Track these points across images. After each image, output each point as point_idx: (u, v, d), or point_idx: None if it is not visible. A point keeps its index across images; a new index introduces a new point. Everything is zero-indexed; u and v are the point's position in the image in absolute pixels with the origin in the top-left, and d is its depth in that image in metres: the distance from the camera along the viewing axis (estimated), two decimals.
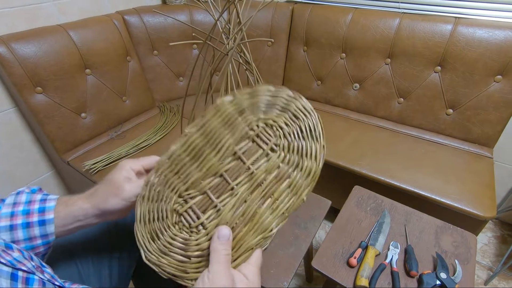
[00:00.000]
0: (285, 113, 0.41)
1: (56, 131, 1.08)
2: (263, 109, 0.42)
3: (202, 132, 0.42)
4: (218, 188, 0.40)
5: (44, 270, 0.39)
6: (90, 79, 1.16)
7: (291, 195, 0.36)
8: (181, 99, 1.51)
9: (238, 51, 0.54)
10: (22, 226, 0.41)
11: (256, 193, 0.38)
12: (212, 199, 0.39)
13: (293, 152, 0.38)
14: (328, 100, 1.43)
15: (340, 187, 1.14)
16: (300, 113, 0.40)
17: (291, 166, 0.38)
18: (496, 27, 1.01)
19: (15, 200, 0.42)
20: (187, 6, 1.43)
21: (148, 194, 0.42)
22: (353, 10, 1.26)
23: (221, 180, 0.40)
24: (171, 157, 0.43)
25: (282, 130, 0.40)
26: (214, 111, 0.43)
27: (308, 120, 0.39)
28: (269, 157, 0.40)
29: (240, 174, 0.40)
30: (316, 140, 0.38)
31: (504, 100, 1.04)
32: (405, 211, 0.82)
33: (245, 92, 0.43)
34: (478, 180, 0.98)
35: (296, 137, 0.39)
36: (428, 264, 0.69)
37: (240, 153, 0.41)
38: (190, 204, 0.40)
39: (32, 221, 0.41)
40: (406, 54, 1.17)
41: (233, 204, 0.38)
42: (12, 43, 0.94)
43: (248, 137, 0.41)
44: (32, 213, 0.41)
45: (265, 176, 0.38)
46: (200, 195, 0.40)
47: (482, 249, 1.22)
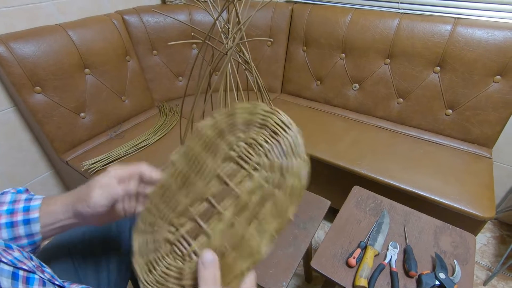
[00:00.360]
0: (263, 130, 0.40)
1: (55, 130, 1.08)
2: (241, 128, 0.42)
3: (186, 158, 0.43)
4: (206, 213, 0.40)
5: (44, 269, 0.39)
6: (89, 79, 1.16)
7: (276, 215, 0.35)
8: (180, 99, 1.50)
9: (238, 50, 0.54)
10: (7, 225, 0.40)
11: (242, 216, 0.37)
12: (201, 225, 0.39)
13: (275, 171, 0.37)
14: (328, 100, 1.43)
15: (339, 187, 1.14)
16: (279, 128, 0.39)
17: (274, 185, 0.36)
18: (495, 28, 1.01)
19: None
20: (187, 6, 1.43)
21: (142, 226, 0.43)
22: (353, 10, 1.26)
23: (208, 205, 0.40)
24: (161, 187, 0.44)
25: (262, 147, 0.39)
26: (195, 136, 0.43)
27: (287, 135, 0.38)
28: (252, 177, 0.39)
29: (225, 197, 0.39)
30: (298, 155, 0.37)
31: (503, 101, 1.04)
32: (404, 211, 0.82)
33: (223, 113, 0.43)
34: (477, 180, 0.98)
35: (277, 154, 0.38)
36: (427, 264, 0.69)
37: (223, 176, 0.40)
38: (181, 232, 0.40)
39: (17, 220, 0.40)
40: (406, 55, 1.17)
41: (221, 228, 0.37)
42: (11, 42, 0.94)
43: (230, 158, 0.41)
44: (17, 212, 0.41)
45: (249, 197, 0.38)
46: (190, 222, 0.40)
47: (481, 249, 1.23)
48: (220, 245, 0.37)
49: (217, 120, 0.43)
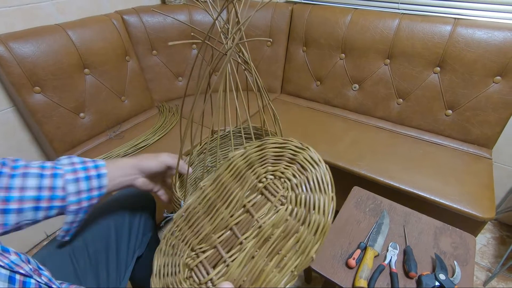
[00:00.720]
0: (293, 165, 0.41)
1: (55, 131, 1.08)
2: (271, 161, 0.42)
3: (215, 186, 0.44)
4: (228, 242, 0.40)
5: (41, 273, 0.39)
6: (88, 79, 1.15)
7: (299, 252, 0.34)
8: (180, 99, 1.50)
9: (237, 51, 0.53)
10: (84, 178, 0.49)
11: (264, 249, 0.36)
12: (222, 254, 0.39)
13: (300, 205, 0.37)
14: (327, 101, 1.43)
15: (339, 188, 1.13)
16: (308, 164, 0.40)
17: (299, 220, 0.36)
18: (495, 28, 1.01)
19: (71, 161, 0.50)
20: (186, 6, 1.43)
21: (164, 247, 0.44)
22: (353, 11, 1.26)
23: (231, 234, 0.40)
24: (187, 210, 0.45)
25: (290, 182, 0.40)
26: (226, 165, 0.45)
27: (316, 171, 0.39)
28: (277, 210, 0.39)
29: (249, 228, 0.39)
30: (324, 192, 0.36)
31: (503, 101, 1.04)
32: (404, 212, 0.82)
33: (255, 145, 0.44)
34: (477, 181, 0.98)
35: (304, 189, 0.38)
36: (427, 265, 0.69)
37: (249, 206, 0.41)
38: (201, 258, 0.40)
39: (91, 175, 0.50)
40: (406, 55, 1.17)
41: (241, 260, 0.37)
42: (10, 42, 0.94)
43: (257, 189, 0.42)
44: (90, 169, 0.50)
45: (272, 230, 0.37)
46: (211, 249, 0.40)
47: (481, 250, 1.22)
48: (238, 277, 0.36)
49: (248, 151, 0.44)
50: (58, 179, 0.47)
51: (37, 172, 0.46)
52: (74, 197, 0.48)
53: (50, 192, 0.46)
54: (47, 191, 0.46)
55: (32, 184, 0.45)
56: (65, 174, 0.48)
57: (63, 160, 0.50)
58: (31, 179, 0.45)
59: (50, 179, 0.46)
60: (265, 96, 0.57)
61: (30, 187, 0.45)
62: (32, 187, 0.45)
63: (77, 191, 0.48)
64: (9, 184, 0.44)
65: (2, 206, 0.42)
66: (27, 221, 0.45)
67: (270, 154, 0.43)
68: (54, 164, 0.49)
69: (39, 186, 0.45)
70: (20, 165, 0.47)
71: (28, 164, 0.47)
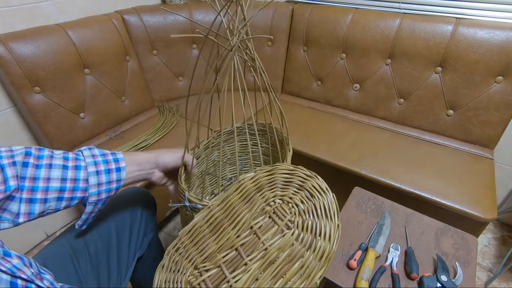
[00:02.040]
0: (301, 191, 0.41)
1: (55, 131, 1.07)
2: (280, 186, 0.43)
3: (223, 206, 0.45)
4: (233, 262, 0.40)
5: (43, 277, 0.39)
6: (89, 79, 1.15)
7: (303, 277, 0.34)
8: (180, 99, 1.50)
9: (244, 47, 0.53)
10: (105, 171, 0.50)
11: (268, 271, 0.36)
12: (226, 274, 0.39)
13: (307, 231, 0.38)
14: (328, 101, 1.42)
15: (339, 188, 1.13)
16: (316, 191, 0.41)
17: (305, 245, 0.36)
18: (497, 28, 1.01)
19: (92, 153, 0.51)
20: (187, 5, 1.42)
21: (167, 263, 0.44)
22: (353, 10, 1.26)
23: (236, 254, 0.40)
24: (193, 227, 0.45)
25: (297, 207, 0.40)
26: (236, 186, 0.46)
27: (323, 199, 0.39)
28: (284, 234, 0.39)
29: (254, 250, 0.39)
30: (331, 219, 0.37)
31: (505, 101, 1.04)
32: (405, 213, 0.82)
33: (265, 170, 0.46)
34: (478, 181, 0.97)
35: (311, 215, 0.39)
36: (428, 266, 0.68)
37: (256, 228, 0.41)
38: (204, 277, 0.40)
39: (112, 168, 0.51)
40: (407, 55, 1.16)
41: (245, 281, 0.37)
42: (10, 42, 0.94)
43: (265, 212, 0.42)
44: (110, 162, 0.52)
45: (278, 253, 0.37)
46: (215, 269, 0.40)
47: (482, 250, 1.22)
48: None
49: (258, 175, 0.45)
50: (81, 171, 0.49)
51: (61, 164, 0.48)
52: (95, 189, 0.49)
53: (73, 183, 0.48)
54: (70, 182, 0.48)
55: (57, 175, 0.47)
56: (88, 166, 0.49)
57: (85, 152, 0.51)
58: (55, 170, 0.47)
59: (73, 171, 0.48)
60: (271, 92, 0.57)
61: (54, 178, 0.46)
62: (56, 178, 0.46)
63: (98, 183, 0.50)
64: (34, 175, 0.45)
65: (28, 195, 0.44)
66: (49, 210, 0.47)
67: (279, 179, 0.44)
68: (76, 155, 0.51)
69: (63, 177, 0.47)
70: (44, 155, 0.48)
71: (52, 155, 0.48)
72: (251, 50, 0.53)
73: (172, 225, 1.35)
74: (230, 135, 0.80)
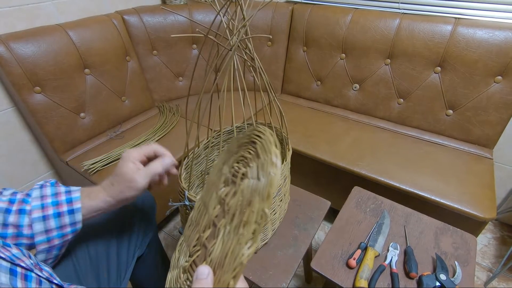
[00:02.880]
0: (249, 145, 0.43)
1: (55, 131, 1.08)
2: (235, 151, 0.45)
3: (206, 192, 0.47)
4: (211, 235, 0.41)
5: (42, 267, 0.39)
6: (89, 79, 1.15)
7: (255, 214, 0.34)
8: (180, 99, 1.50)
9: (244, 47, 0.54)
10: (54, 215, 0.45)
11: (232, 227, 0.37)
12: (207, 247, 0.40)
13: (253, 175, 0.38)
14: (328, 101, 1.42)
15: (339, 188, 1.14)
16: (256, 137, 0.42)
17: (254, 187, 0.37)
18: (496, 28, 1.01)
19: (41, 194, 0.46)
20: (187, 6, 1.43)
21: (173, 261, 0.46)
22: (353, 11, 1.26)
23: (213, 227, 0.42)
24: (190, 220, 0.47)
25: (246, 159, 0.42)
26: (213, 169, 0.48)
27: (261, 140, 0.40)
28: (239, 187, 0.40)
29: (224, 215, 0.40)
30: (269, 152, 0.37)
31: (504, 101, 1.04)
32: (404, 212, 0.82)
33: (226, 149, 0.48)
34: (478, 181, 0.97)
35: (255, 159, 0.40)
36: (427, 265, 0.68)
37: (223, 196, 0.42)
38: (193, 258, 0.42)
39: (63, 211, 0.45)
40: (406, 55, 1.17)
41: (217, 245, 0.38)
42: (11, 42, 0.94)
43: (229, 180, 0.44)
44: (61, 204, 0.46)
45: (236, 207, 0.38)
46: (202, 247, 0.42)
47: (482, 250, 1.22)
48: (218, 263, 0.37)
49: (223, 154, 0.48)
50: (24, 217, 0.44)
51: (4, 207, 0.44)
52: (43, 236, 0.44)
53: (16, 229, 0.43)
54: (12, 228, 0.43)
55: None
56: (32, 211, 0.44)
57: (35, 192, 0.47)
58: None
59: (16, 216, 0.44)
60: (271, 92, 0.58)
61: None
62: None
63: (45, 230, 0.44)
64: None
65: None
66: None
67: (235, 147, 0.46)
68: (24, 197, 0.46)
69: (4, 222, 0.43)
70: None
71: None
72: (250, 50, 0.53)
73: (172, 225, 1.36)
74: (230, 134, 0.80)
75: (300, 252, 0.71)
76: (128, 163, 0.49)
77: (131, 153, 0.50)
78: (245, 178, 0.40)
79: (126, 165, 0.49)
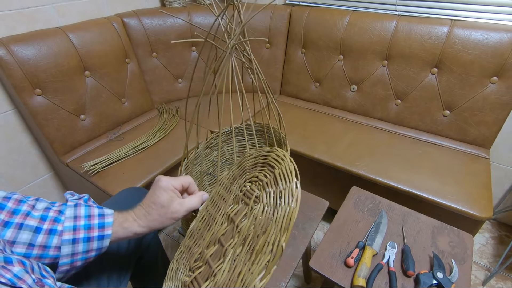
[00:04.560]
0: (265, 167, 0.42)
1: (55, 132, 1.08)
2: (248, 171, 0.45)
3: (211, 206, 0.46)
4: (217, 253, 0.40)
5: (44, 282, 0.37)
6: (89, 81, 1.16)
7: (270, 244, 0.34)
8: (179, 101, 1.51)
9: (241, 49, 0.55)
10: (84, 240, 0.43)
11: (243, 251, 0.36)
12: (212, 267, 0.39)
13: (268, 201, 0.38)
14: (326, 102, 1.43)
15: (337, 188, 1.14)
16: (275, 162, 0.41)
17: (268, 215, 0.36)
18: (491, 29, 1.02)
19: (75, 214, 0.44)
20: (186, 8, 1.44)
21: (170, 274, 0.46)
22: (350, 13, 1.28)
23: (219, 245, 0.41)
24: (191, 231, 0.47)
25: (262, 182, 0.41)
26: (217, 185, 0.48)
27: (281, 166, 0.39)
28: (253, 211, 0.39)
29: (233, 236, 0.40)
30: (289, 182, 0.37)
31: (500, 101, 1.05)
32: (402, 212, 0.83)
33: (236, 164, 0.47)
34: (475, 181, 0.98)
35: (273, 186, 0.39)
36: (425, 264, 0.69)
37: (232, 215, 0.42)
38: (195, 274, 0.41)
39: (93, 236, 0.44)
40: (403, 56, 1.18)
41: (225, 267, 0.37)
42: (12, 45, 0.95)
43: (239, 198, 0.43)
44: (93, 228, 0.44)
45: (248, 231, 0.38)
46: (204, 264, 0.41)
47: (480, 249, 1.23)
48: (224, 285, 0.36)
49: (232, 169, 0.47)
50: (54, 237, 0.42)
51: (34, 225, 0.42)
52: (68, 259, 0.43)
53: (41, 250, 0.42)
54: (38, 249, 0.41)
55: (24, 239, 0.41)
56: (64, 232, 0.42)
57: (68, 211, 0.45)
58: (24, 232, 0.41)
59: (45, 236, 0.42)
60: (268, 93, 0.58)
61: (21, 243, 0.40)
62: (23, 242, 0.40)
63: (72, 253, 0.43)
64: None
65: None
66: None
67: (248, 165, 0.45)
68: (56, 215, 0.44)
69: (31, 242, 0.41)
70: (21, 210, 0.42)
71: (29, 212, 0.42)
72: (248, 52, 0.54)
73: (172, 226, 1.36)
74: (229, 135, 0.81)
75: (299, 252, 0.72)
76: (169, 192, 0.47)
77: (170, 181, 0.48)
78: (259, 202, 0.39)
79: (167, 194, 0.47)
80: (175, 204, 0.46)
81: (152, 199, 0.47)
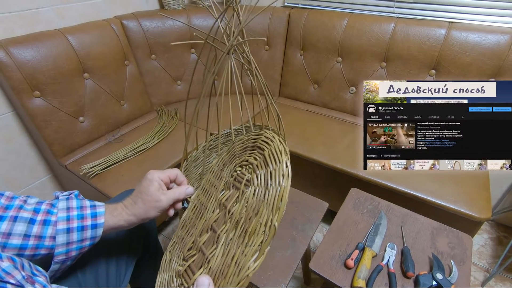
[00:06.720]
0: (254, 150, 0.42)
1: (54, 135, 1.08)
2: (238, 155, 0.44)
3: (201, 193, 0.46)
4: (210, 240, 0.40)
5: (35, 279, 0.38)
6: (88, 83, 1.16)
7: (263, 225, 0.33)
8: (178, 103, 1.51)
9: (241, 51, 0.55)
10: (78, 229, 0.45)
11: (236, 235, 0.36)
12: (205, 253, 0.39)
13: (260, 183, 0.38)
14: (325, 104, 1.44)
15: (337, 190, 1.14)
16: (264, 144, 0.41)
17: (261, 196, 0.36)
18: (489, 31, 1.03)
19: (67, 205, 0.47)
20: (185, 10, 1.44)
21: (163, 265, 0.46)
22: (349, 15, 1.28)
23: (212, 232, 0.41)
24: (183, 221, 0.46)
25: (252, 165, 0.41)
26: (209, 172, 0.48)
27: (270, 147, 0.39)
28: (244, 194, 0.39)
29: (225, 221, 0.40)
30: (279, 161, 0.37)
31: None
32: (401, 213, 0.83)
33: (225, 150, 0.47)
34: (473, 182, 0.99)
35: (263, 167, 0.39)
36: (424, 265, 0.69)
37: (223, 201, 0.41)
38: (189, 263, 0.41)
39: (86, 225, 0.46)
40: (401, 58, 1.18)
41: (218, 252, 0.37)
42: (11, 47, 0.95)
43: (230, 183, 0.43)
44: (86, 218, 0.46)
45: (240, 214, 0.37)
46: (198, 252, 0.41)
47: (478, 250, 1.23)
48: (218, 270, 0.36)
49: (222, 157, 0.47)
50: (48, 228, 0.44)
51: (28, 217, 0.43)
52: (63, 248, 0.44)
53: (37, 241, 0.43)
54: (34, 239, 0.43)
55: (20, 231, 0.42)
56: (58, 222, 0.44)
57: (61, 203, 0.47)
58: (19, 224, 0.42)
59: (40, 226, 0.44)
60: (267, 94, 0.59)
61: (16, 234, 0.42)
62: (19, 234, 0.42)
63: (67, 242, 0.44)
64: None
65: None
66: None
67: (237, 150, 0.45)
68: (49, 207, 0.46)
69: (26, 233, 0.42)
70: (14, 204, 0.44)
71: (22, 206, 0.44)
72: (247, 53, 0.55)
73: (171, 228, 1.36)
74: (228, 137, 0.81)
75: (299, 253, 0.72)
76: (154, 183, 0.50)
77: (157, 174, 0.51)
78: (250, 185, 0.39)
79: (152, 185, 0.50)
80: (158, 193, 0.49)
81: (138, 189, 0.51)
